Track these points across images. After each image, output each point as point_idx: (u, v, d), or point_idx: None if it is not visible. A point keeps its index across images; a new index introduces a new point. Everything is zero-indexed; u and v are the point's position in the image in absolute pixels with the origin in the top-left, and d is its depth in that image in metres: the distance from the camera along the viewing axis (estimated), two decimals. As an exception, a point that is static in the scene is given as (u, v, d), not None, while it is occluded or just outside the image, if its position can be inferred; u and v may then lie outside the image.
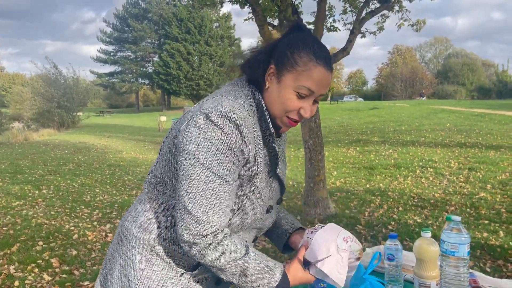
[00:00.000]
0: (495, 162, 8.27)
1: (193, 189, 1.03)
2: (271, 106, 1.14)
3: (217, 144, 1.03)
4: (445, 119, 18.23)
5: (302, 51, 1.10)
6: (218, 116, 1.04)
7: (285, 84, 1.10)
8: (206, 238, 1.04)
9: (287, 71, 1.10)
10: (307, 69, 1.09)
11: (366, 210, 5.54)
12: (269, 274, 1.09)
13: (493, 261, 3.66)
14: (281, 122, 1.16)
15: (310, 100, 1.13)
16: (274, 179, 1.22)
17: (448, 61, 59.95)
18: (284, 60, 1.11)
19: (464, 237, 1.33)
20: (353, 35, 5.49)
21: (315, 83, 1.10)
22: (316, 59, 1.10)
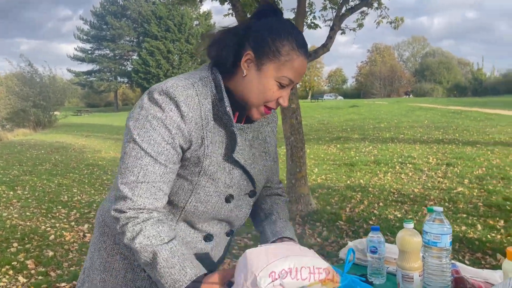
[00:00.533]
0: (471, 157, 8.45)
1: (123, 164, 1.01)
2: (248, 94, 1.08)
3: (152, 121, 1.00)
4: (423, 116, 18.55)
5: (285, 40, 1.05)
6: (159, 93, 1.01)
7: (267, 74, 1.05)
8: (126, 214, 1.00)
9: (269, 60, 1.05)
10: (289, 59, 1.05)
11: (347, 206, 5.57)
12: (179, 272, 0.98)
13: (472, 253, 3.72)
14: (257, 110, 1.11)
15: (289, 89, 1.10)
16: (234, 166, 1.13)
17: (425, 59, 61.11)
18: (265, 47, 1.05)
19: (446, 227, 1.33)
20: (333, 32, 5.50)
21: (296, 73, 1.07)
22: (298, 48, 1.06)
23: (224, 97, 1.07)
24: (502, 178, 6.62)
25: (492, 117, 16.69)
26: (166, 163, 1.03)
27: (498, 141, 10.48)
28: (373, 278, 1.53)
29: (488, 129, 13.12)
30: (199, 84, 1.07)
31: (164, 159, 1.02)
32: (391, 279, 1.51)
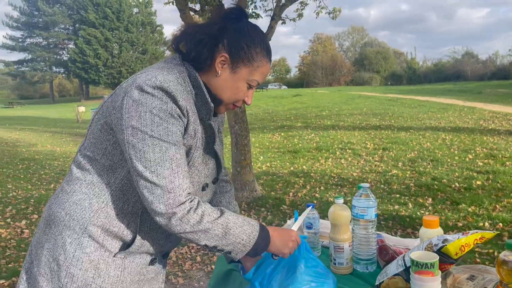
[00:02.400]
0: (405, 142, 9.01)
1: (151, 162, 1.02)
2: (221, 92, 1.17)
3: (159, 113, 1.03)
4: (362, 104, 19.37)
5: (258, 47, 1.16)
6: (153, 87, 1.03)
7: (240, 77, 1.16)
8: (184, 205, 1.04)
9: (244, 64, 1.15)
10: (261, 65, 1.18)
11: (291, 191, 5.77)
12: (249, 226, 1.12)
13: (403, 229, 4.03)
14: (226, 107, 1.22)
15: (254, 89, 1.22)
16: (210, 157, 1.25)
17: (364, 49, 63.44)
18: (240, 53, 1.14)
19: (371, 201, 1.47)
20: (274, 22, 5.62)
21: (263, 76, 1.20)
22: (267, 55, 1.20)
23: (204, 92, 1.14)
24: (432, 160, 7.14)
25: (424, 104, 17.78)
26: (183, 147, 1.10)
27: (429, 126, 11.24)
28: (309, 252, 1.65)
29: (421, 115, 14.00)
30: (181, 80, 1.11)
31: (182, 143, 1.09)
32: (326, 252, 1.63)
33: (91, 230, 1.12)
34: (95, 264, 1.12)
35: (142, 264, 1.21)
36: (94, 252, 1.12)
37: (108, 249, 1.14)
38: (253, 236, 1.12)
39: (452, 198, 4.92)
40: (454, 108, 15.44)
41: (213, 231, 1.07)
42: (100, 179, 1.14)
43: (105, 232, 1.13)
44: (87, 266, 1.11)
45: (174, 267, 3.58)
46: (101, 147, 1.14)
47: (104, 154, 1.14)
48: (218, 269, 1.67)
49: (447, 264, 1.19)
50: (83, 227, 1.12)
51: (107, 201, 1.13)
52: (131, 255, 1.18)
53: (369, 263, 1.48)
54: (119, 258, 1.16)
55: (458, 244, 1.16)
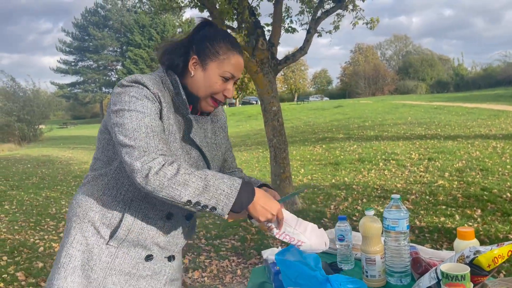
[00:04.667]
0: (452, 151, 8.67)
1: (128, 130, 1.14)
2: (197, 89, 1.31)
3: (136, 95, 1.18)
4: (407, 113, 18.85)
5: (221, 42, 1.31)
6: (128, 81, 1.22)
7: (211, 72, 1.30)
8: (158, 159, 1.11)
9: (211, 60, 1.30)
10: (227, 57, 1.30)
11: (332, 203, 5.71)
12: (229, 179, 1.16)
13: (449, 242, 3.88)
14: (206, 102, 1.33)
15: (232, 82, 1.34)
16: (192, 147, 1.33)
17: (408, 57, 61.89)
18: (206, 50, 1.30)
19: (403, 212, 1.45)
20: (310, 35, 5.65)
21: (234, 67, 1.32)
22: (233, 48, 1.32)
23: (180, 90, 1.29)
24: (481, 169, 6.83)
25: (473, 111, 17.05)
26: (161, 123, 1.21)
27: (478, 134, 10.75)
28: (342, 265, 1.65)
29: (469, 123, 13.42)
30: (158, 80, 1.29)
31: (158, 117, 1.21)
32: (359, 264, 1.62)
33: (91, 216, 1.27)
34: (90, 248, 1.25)
35: (137, 259, 1.30)
36: (91, 237, 1.26)
37: (102, 235, 1.26)
38: (235, 187, 1.14)
39: (503, 209, 4.68)
40: (506, 115, 14.68)
41: (192, 183, 1.11)
42: (100, 173, 1.31)
43: (101, 219, 1.26)
44: (84, 249, 1.25)
45: (215, 280, 3.64)
46: (100, 146, 1.33)
47: (102, 151, 1.32)
48: (252, 282, 1.70)
49: (480, 277, 1.16)
50: (85, 213, 1.28)
51: (104, 190, 1.29)
52: (125, 246, 1.27)
53: (403, 276, 1.45)
54: (113, 246, 1.26)
55: (491, 256, 1.13)
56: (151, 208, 1.29)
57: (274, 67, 5.40)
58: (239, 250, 4.25)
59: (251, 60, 5.22)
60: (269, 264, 1.61)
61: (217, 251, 4.30)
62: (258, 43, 5.24)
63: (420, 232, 4.24)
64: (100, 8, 56.17)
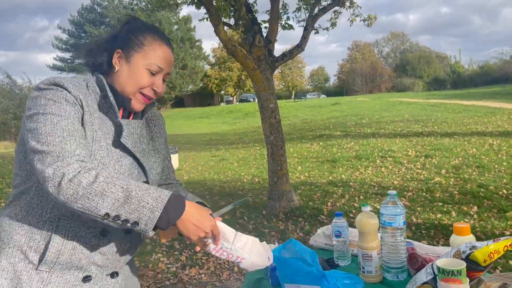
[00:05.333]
0: (449, 148, 8.69)
1: (41, 135, 1.01)
2: (124, 85, 1.21)
3: (54, 98, 1.07)
4: (404, 111, 18.88)
5: (145, 33, 1.23)
6: (45, 84, 1.10)
7: (136, 63, 1.20)
8: (74, 165, 0.99)
9: (135, 51, 1.21)
10: (153, 48, 1.22)
11: (329, 200, 5.72)
12: (156, 190, 1.02)
13: (446, 239, 3.89)
14: (135, 99, 1.23)
15: (160, 77, 1.24)
16: (124, 154, 1.19)
17: (405, 55, 61.95)
18: (130, 43, 1.21)
19: (399, 208, 1.45)
20: (307, 32, 5.65)
21: (162, 60, 1.22)
22: (159, 39, 1.24)
23: (107, 92, 1.18)
24: (478, 166, 6.85)
25: (469, 108, 17.09)
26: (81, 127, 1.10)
27: (474, 132, 10.78)
28: (339, 261, 1.65)
29: (466, 120, 13.46)
30: (82, 83, 1.17)
31: (79, 122, 1.09)
32: (356, 260, 1.62)
33: (16, 240, 1.12)
34: (18, 275, 1.10)
35: (74, 281, 1.14)
36: (18, 263, 1.11)
37: (31, 260, 1.11)
38: (162, 199, 1.00)
39: (499, 206, 4.70)
40: (502, 112, 14.73)
41: (112, 193, 0.97)
42: (21, 190, 1.16)
43: (28, 242, 1.12)
44: (11, 276, 1.10)
45: (212, 277, 3.64)
46: (18, 160, 1.17)
47: (20, 166, 1.16)
48: (248, 278, 1.70)
49: (476, 272, 1.16)
50: (10, 237, 1.13)
51: (28, 209, 1.13)
52: (57, 269, 1.12)
53: (400, 272, 1.46)
54: (44, 271, 1.12)
55: (487, 251, 1.13)
56: (81, 225, 1.12)
57: (271, 64, 5.39)
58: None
59: (248, 57, 5.21)
60: (266, 260, 1.61)
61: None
62: (255, 40, 5.23)
63: (417, 229, 4.25)
64: (96, 5, 55.90)
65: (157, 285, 3.55)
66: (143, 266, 3.97)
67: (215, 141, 16.42)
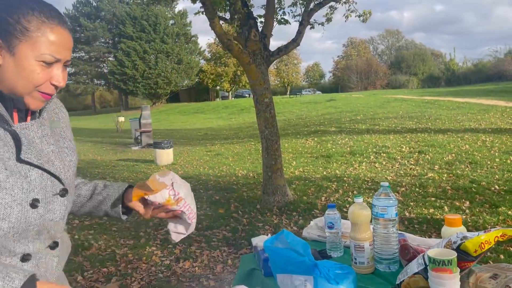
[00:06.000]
0: (442, 144, 8.74)
1: None
2: (12, 84, 0.96)
3: None
4: (398, 107, 18.94)
5: (28, 15, 0.95)
6: None
7: (23, 56, 0.94)
8: None
9: (19, 40, 0.94)
10: (43, 34, 0.95)
11: (323, 195, 5.74)
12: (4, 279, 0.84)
13: (438, 233, 3.92)
14: (31, 98, 0.99)
15: (59, 66, 1.00)
16: (30, 167, 0.99)
17: (400, 52, 62.10)
18: (9, 29, 0.93)
19: (391, 200, 1.46)
20: (302, 27, 5.64)
21: (56, 46, 0.97)
22: (49, 20, 0.97)
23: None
24: (470, 162, 6.89)
25: (463, 105, 17.17)
26: None
27: (468, 128, 10.84)
28: (331, 252, 1.66)
29: (459, 117, 13.52)
30: None
31: None
32: (348, 252, 1.63)
33: None
34: None
35: None
36: None
37: None
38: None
39: (491, 201, 4.74)
40: (495, 109, 14.81)
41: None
42: None
43: None
44: None
45: (206, 270, 3.65)
46: None
47: None
48: (241, 269, 1.71)
49: (467, 262, 1.17)
50: None
51: None
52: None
53: (391, 263, 1.47)
54: None
55: (478, 241, 1.14)
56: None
57: (267, 59, 5.38)
58: (230, 240, 4.26)
59: (244, 51, 5.20)
60: (259, 251, 1.62)
61: (208, 242, 4.31)
62: (250, 34, 5.22)
63: (410, 223, 4.28)
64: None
65: (151, 277, 3.55)
66: (136, 259, 3.97)
67: (210, 136, 16.40)
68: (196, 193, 6.18)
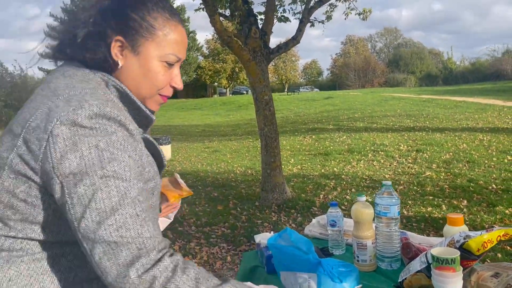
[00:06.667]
0: (440, 143, 8.78)
1: (107, 213, 0.72)
2: (136, 86, 0.90)
3: (109, 148, 0.75)
4: (396, 106, 18.98)
5: (154, 11, 0.89)
6: (90, 117, 0.75)
7: (148, 56, 0.88)
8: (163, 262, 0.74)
9: (144, 38, 0.88)
10: (168, 32, 0.90)
11: (321, 193, 5.76)
12: None
13: (436, 231, 3.95)
14: (153, 101, 0.95)
15: (178, 68, 0.96)
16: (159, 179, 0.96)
17: (398, 50, 62.16)
18: (134, 26, 0.87)
19: (394, 199, 1.48)
20: (303, 24, 5.64)
21: (179, 46, 0.92)
22: (172, 17, 0.91)
23: (135, 100, 0.90)
24: (468, 161, 6.93)
25: (460, 104, 17.23)
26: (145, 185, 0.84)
27: (465, 127, 10.89)
28: (333, 250, 1.67)
29: (457, 116, 13.57)
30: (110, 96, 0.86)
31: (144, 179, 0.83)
32: (350, 250, 1.64)
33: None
34: None
35: None
36: None
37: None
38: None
39: (488, 200, 4.77)
40: (493, 108, 14.88)
41: None
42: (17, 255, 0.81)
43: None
44: None
45: (205, 266, 3.66)
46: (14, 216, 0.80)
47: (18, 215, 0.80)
48: (243, 266, 1.72)
49: (470, 261, 1.19)
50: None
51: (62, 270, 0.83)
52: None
53: (393, 261, 1.48)
54: None
55: (480, 240, 1.16)
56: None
57: (267, 56, 5.39)
58: (229, 237, 4.28)
59: (244, 49, 5.20)
60: (262, 248, 1.62)
61: (207, 238, 4.32)
62: (251, 31, 5.21)
63: (408, 222, 4.31)
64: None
65: (150, 274, 3.56)
66: (135, 255, 3.97)
67: (208, 133, 16.39)
68: (195, 190, 6.19)
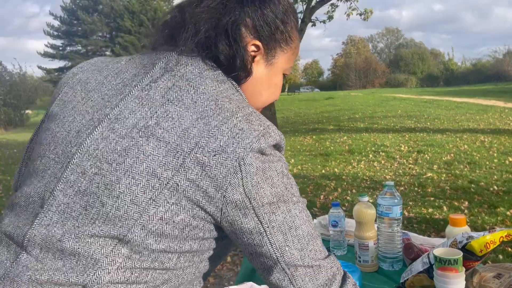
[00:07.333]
0: (441, 144, 8.77)
1: (305, 238, 0.72)
2: (255, 98, 0.82)
3: (287, 173, 0.74)
4: (397, 106, 18.99)
5: (292, 21, 0.82)
6: (271, 147, 0.71)
7: (278, 68, 0.82)
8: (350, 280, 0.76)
9: (281, 50, 0.80)
10: (297, 45, 0.85)
11: (322, 193, 5.75)
12: None
13: (437, 232, 3.94)
14: None
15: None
16: None
17: (399, 50, 62.20)
18: (276, 34, 0.78)
19: (396, 199, 1.47)
20: (304, 24, 5.64)
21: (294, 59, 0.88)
22: (297, 29, 0.85)
23: None
24: (469, 162, 6.92)
25: (462, 105, 17.24)
26: None
27: (466, 128, 10.88)
28: (335, 251, 1.67)
29: (458, 117, 13.57)
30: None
31: None
32: (352, 250, 1.64)
33: None
34: None
35: None
36: None
37: None
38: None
39: (490, 202, 4.76)
40: (494, 110, 14.88)
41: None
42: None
43: None
44: None
45: (205, 266, 3.65)
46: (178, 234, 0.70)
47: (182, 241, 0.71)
48: (244, 266, 1.71)
49: (472, 261, 1.18)
50: None
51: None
52: None
53: (395, 261, 1.48)
54: None
55: (483, 241, 1.15)
56: None
57: (268, 56, 5.39)
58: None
59: (245, 48, 5.19)
60: (263, 248, 1.62)
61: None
62: (252, 31, 5.21)
63: (409, 223, 4.30)
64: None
65: (150, 273, 3.55)
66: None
67: (208, 133, 16.38)
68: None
